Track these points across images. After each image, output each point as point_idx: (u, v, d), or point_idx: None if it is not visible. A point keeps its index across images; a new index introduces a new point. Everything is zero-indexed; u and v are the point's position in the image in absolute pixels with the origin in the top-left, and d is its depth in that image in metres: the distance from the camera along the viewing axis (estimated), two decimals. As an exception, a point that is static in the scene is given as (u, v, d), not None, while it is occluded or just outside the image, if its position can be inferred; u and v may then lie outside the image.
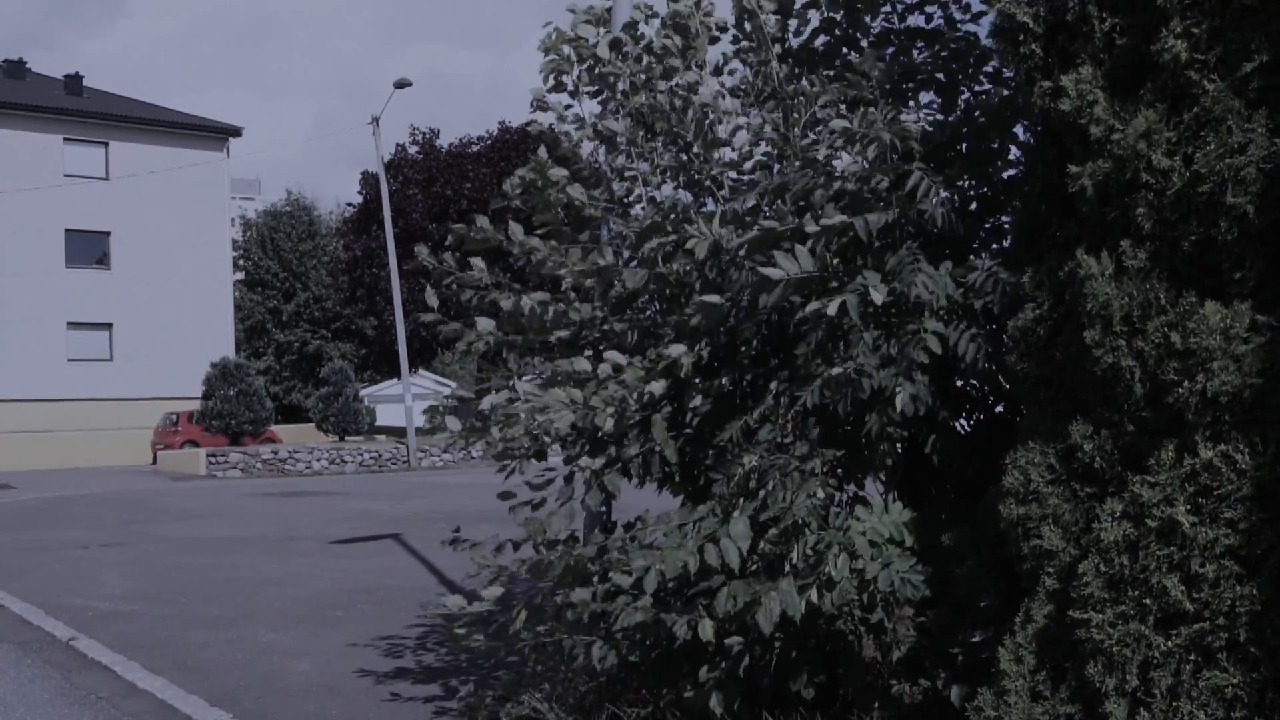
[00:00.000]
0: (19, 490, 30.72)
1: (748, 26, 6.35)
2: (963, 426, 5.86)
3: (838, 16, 6.52)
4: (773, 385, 5.52)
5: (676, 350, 5.63)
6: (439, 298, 6.30)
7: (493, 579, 6.10)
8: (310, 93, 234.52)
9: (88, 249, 49.60)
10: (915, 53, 6.40)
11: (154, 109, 55.75)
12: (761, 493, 5.11)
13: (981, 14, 6.22)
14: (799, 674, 5.17)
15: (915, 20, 6.44)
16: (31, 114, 48.86)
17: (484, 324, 6.02)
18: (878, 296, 4.94)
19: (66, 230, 48.67)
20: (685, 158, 6.28)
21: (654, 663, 5.72)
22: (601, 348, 5.90)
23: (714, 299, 5.46)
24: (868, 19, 6.47)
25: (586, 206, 6.30)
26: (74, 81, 55.53)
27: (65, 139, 49.44)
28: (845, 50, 6.57)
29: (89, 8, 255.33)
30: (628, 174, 6.38)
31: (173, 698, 7.77)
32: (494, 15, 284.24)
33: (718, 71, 6.44)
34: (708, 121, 6.10)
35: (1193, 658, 3.73)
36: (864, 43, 6.18)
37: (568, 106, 6.57)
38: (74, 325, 48.48)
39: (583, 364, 5.74)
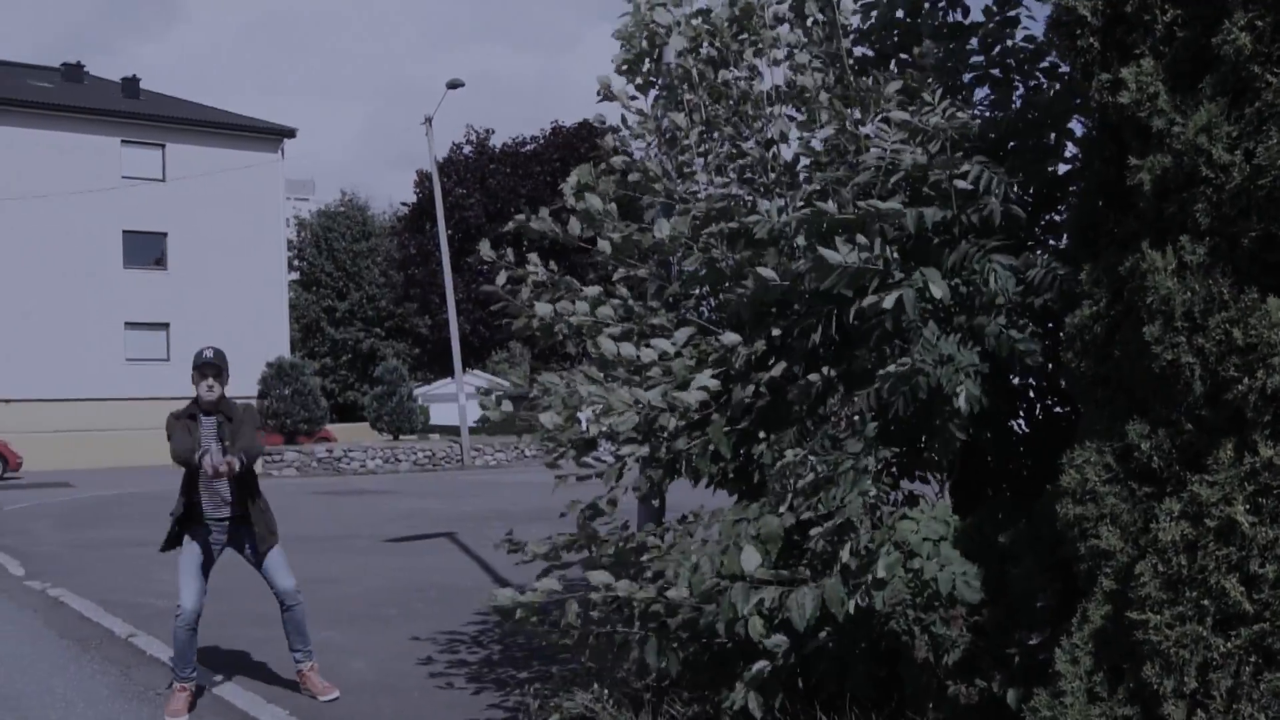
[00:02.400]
0: (78, 489, 31.05)
1: (809, 19, 6.31)
2: (1019, 426, 5.82)
3: (900, 14, 6.49)
4: (824, 372, 5.50)
5: (730, 339, 5.61)
6: (495, 295, 6.32)
7: (544, 572, 6.10)
8: (363, 94, 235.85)
9: (145, 250, 50.07)
10: (970, 48, 6.35)
11: (209, 111, 56.19)
12: (805, 486, 5.09)
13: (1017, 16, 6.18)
14: (853, 673, 5.15)
15: (973, 16, 6.40)
16: (90, 117, 49.37)
17: (543, 308, 6.03)
18: (937, 291, 4.91)
19: (124, 231, 49.15)
20: (744, 150, 6.26)
21: (707, 661, 5.70)
22: (650, 343, 5.89)
23: (769, 273, 5.44)
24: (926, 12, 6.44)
25: (643, 198, 6.29)
26: (131, 84, 56.06)
27: (123, 141, 49.91)
28: (904, 47, 6.54)
29: (146, 12, 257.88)
30: (686, 170, 6.37)
31: (229, 694, 7.82)
32: (544, 16, 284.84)
33: (783, 62, 6.39)
34: (768, 113, 6.09)
35: (1253, 659, 3.68)
36: (926, 41, 6.13)
37: (633, 97, 6.55)
38: (132, 325, 48.95)
39: (628, 349, 5.73)
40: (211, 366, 7.47)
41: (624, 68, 6.60)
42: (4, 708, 7.59)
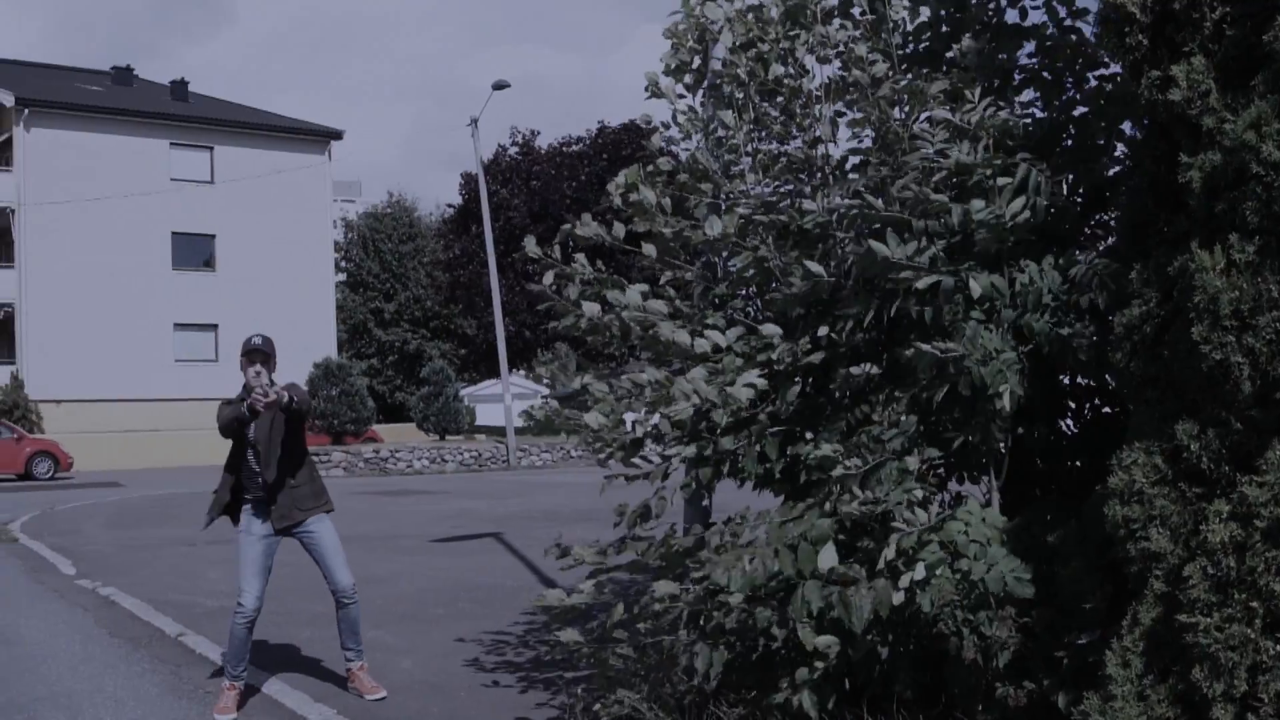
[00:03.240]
0: (128, 488, 31.33)
1: (858, 9, 6.29)
2: (1068, 426, 5.78)
3: (944, 13, 6.46)
4: (867, 368, 5.48)
5: (771, 329, 5.60)
6: (542, 295, 6.34)
7: (592, 575, 6.12)
8: (408, 95, 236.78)
9: (194, 251, 50.48)
10: (1017, 48, 6.31)
11: (257, 113, 56.58)
12: (846, 483, 5.08)
13: (1084, 11, 6.13)
14: (900, 675, 5.13)
15: (1013, 15, 6.36)
16: (139, 120, 49.82)
17: (590, 307, 6.03)
18: (976, 288, 4.89)
19: (173, 233, 49.58)
20: (792, 150, 6.26)
21: (754, 664, 5.70)
22: (704, 333, 5.88)
23: (816, 268, 5.43)
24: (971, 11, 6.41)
25: (691, 199, 6.29)
26: (179, 87, 56.51)
27: (171, 144, 50.33)
28: (949, 46, 6.51)
29: (195, 16, 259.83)
30: (734, 169, 6.37)
31: (278, 693, 7.87)
32: (590, 17, 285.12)
33: (834, 59, 6.36)
34: (816, 111, 6.08)
35: (1303, 662, 3.65)
36: (966, 38, 6.10)
37: (680, 95, 6.54)
38: (181, 326, 49.37)
39: (683, 336, 5.73)
40: (259, 353, 7.52)
41: (671, 66, 6.58)
42: (56, 706, 7.67)
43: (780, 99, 6.30)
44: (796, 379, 5.74)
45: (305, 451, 7.85)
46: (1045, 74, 6.19)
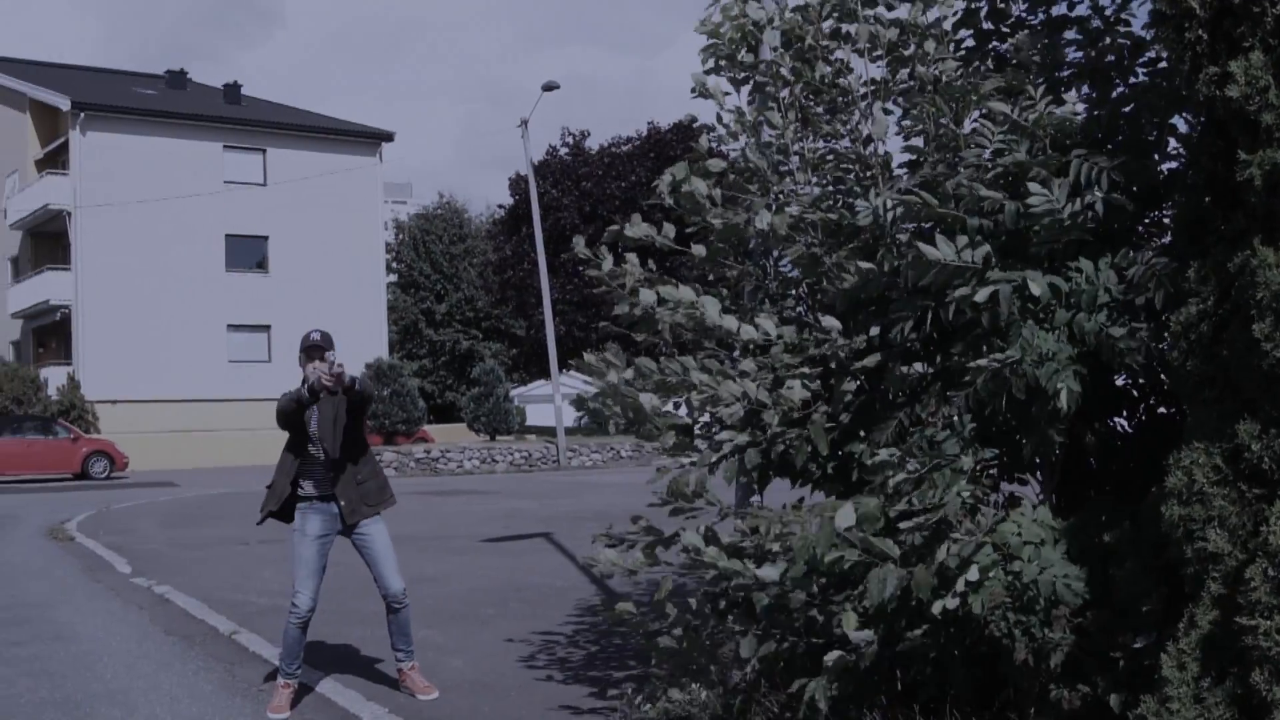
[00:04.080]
0: (182, 488, 31.61)
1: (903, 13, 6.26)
2: (1123, 426, 5.73)
3: (982, 9, 6.42)
4: (920, 366, 5.45)
5: (830, 323, 5.57)
6: (592, 294, 6.34)
7: (647, 547, 6.12)
8: (458, 97, 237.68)
9: (247, 253, 50.88)
10: (1066, 44, 6.25)
11: (309, 116, 56.95)
12: (900, 485, 5.05)
13: (1127, 2, 6.07)
14: (954, 675, 5.09)
15: (1058, 10, 6.31)
16: (193, 123, 50.25)
17: (647, 295, 6.00)
18: (1036, 289, 4.84)
19: (227, 235, 49.98)
20: (841, 149, 6.23)
21: (802, 658, 5.67)
22: (756, 321, 5.85)
23: (868, 265, 5.40)
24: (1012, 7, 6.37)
25: (740, 198, 6.27)
26: (232, 90, 56.98)
27: (225, 146, 50.73)
28: (989, 41, 6.47)
29: (247, 20, 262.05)
30: (782, 169, 6.34)
31: (330, 691, 7.91)
32: (640, 18, 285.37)
33: (883, 57, 6.32)
34: (863, 108, 6.05)
35: (1366, 667, 3.59)
36: (1022, 34, 6.05)
37: (727, 94, 6.52)
38: (234, 327, 49.77)
39: (730, 321, 5.71)
40: (318, 349, 7.52)
41: (710, 65, 6.55)
42: (112, 703, 7.74)
43: (827, 97, 6.27)
44: (849, 378, 5.71)
45: (367, 445, 7.86)
46: (1094, 69, 6.13)
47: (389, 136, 55.41)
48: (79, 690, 8.11)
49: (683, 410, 6.00)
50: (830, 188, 6.30)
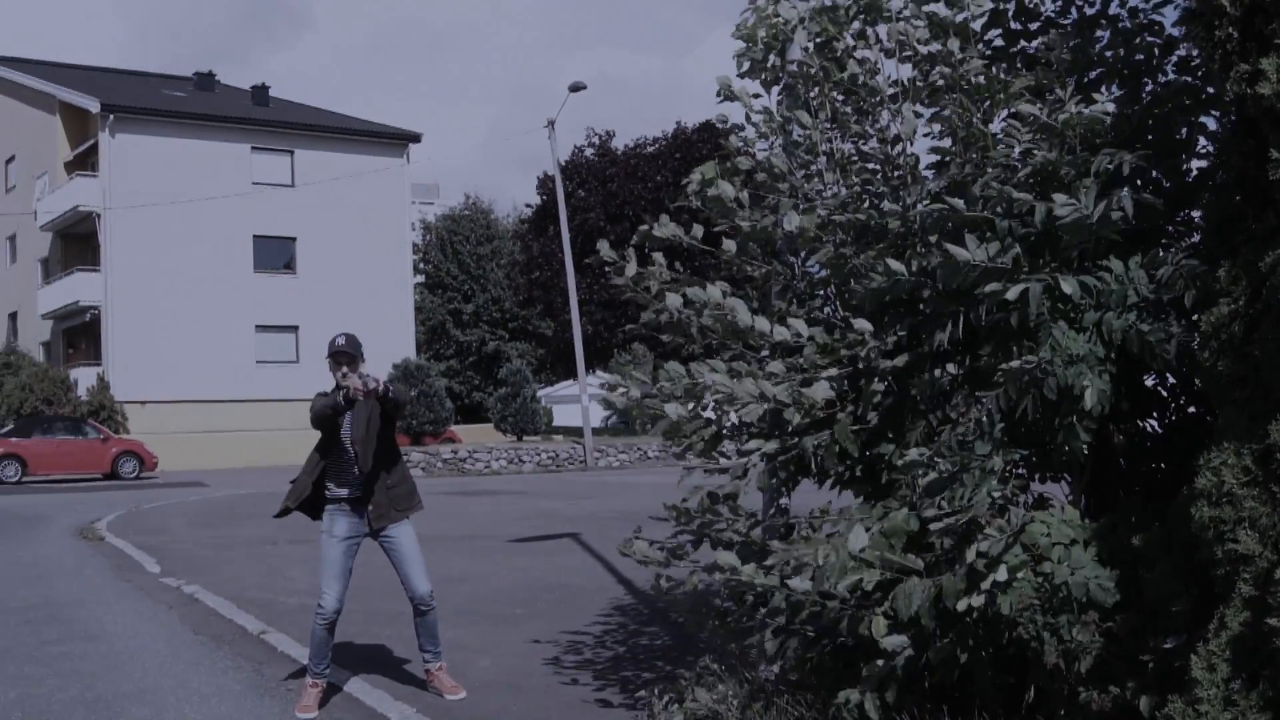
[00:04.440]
0: (211, 488, 31.74)
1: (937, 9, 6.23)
2: (1152, 426, 5.70)
3: (1009, 8, 6.39)
4: (950, 368, 5.43)
5: (862, 325, 5.55)
6: (619, 294, 6.33)
7: (673, 535, 6.13)
8: (485, 98, 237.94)
9: (275, 254, 51.09)
10: (1097, 42, 6.22)
11: (336, 117, 57.17)
12: (929, 485, 5.03)
13: (1165, 2, 6.04)
14: (981, 677, 5.07)
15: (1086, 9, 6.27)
16: (221, 124, 50.49)
17: (673, 300, 5.99)
18: (1067, 287, 4.82)
19: (255, 236, 50.20)
20: (869, 149, 6.21)
21: (830, 660, 5.67)
22: (788, 322, 5.84)
23: (897, 265, 5.38)
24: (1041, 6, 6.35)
25: (768, 198, 6.26)
26: (261, 92, 57.22)
27: (253, 148, 50.95)
28: (1018, 40, 6.44)
29: (277, 23, 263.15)
30: (811, 169, 6.33)
31: (358, 691, 7.93)
32: (667, 18, 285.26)
33: (912, 57, 6.29)
34: (893, 110, 6.03)
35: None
36: (1053, 33, 6.02)
37: (756, 95, 6.50)
38: (262, 328, 49.98)
39: (763, 322, 5.69)
40: (345, 354, 7.55)
41: (745, 66, 6.54)
42: (142, 701, 7.78)
43: (856, 97, 6.25)
44: (877, 379, 5.70)
45: (398, 451, 7.89)
46: (1124, 68, 6.09)
47: (416, 138, 55.56)
48: (109, 689, 8.15)
49: (709, 412, 5.99)
50: (859, 188, 6.28)
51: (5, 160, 57.73)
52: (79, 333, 51.13)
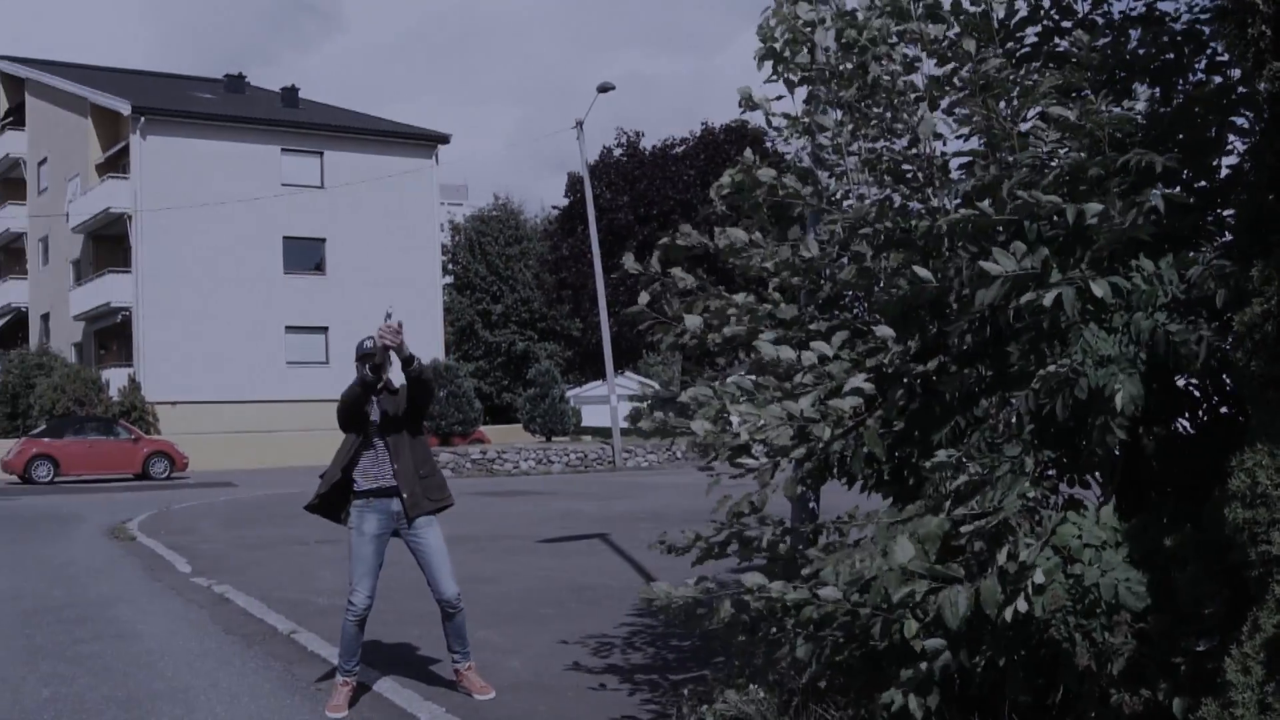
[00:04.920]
0: (241, 488, 31.87)
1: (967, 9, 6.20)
2: (1184, 427, 5.66)
3: (1045, 4, 6.36)
4: (978, 370, 5.41)
5: (885, 332, 5.54)
6: (631, 312, 6.34)
7: (697, 561, 6.11)
8: (514, 98, 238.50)
9: (305, 255, 51.29)
10: (1129, 41, 6.18)
11: (366, 119, 57.33)
12: (962, 488, 5.01)
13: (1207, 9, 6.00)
14: (1012, 679, 5.05)
15: (1120, 6, 6.24)
16: (251, 126, 50.73)
17: (692, 321, 6.01)
18: (1098, 290, 4.79)
19: (284, 237, 50.42)
20: (896, 149, 6.19)
21: (860, 663, 5.65)
22: (811, 345, 5.83)
23: (924, 273, 5.37)
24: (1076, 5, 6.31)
25: (795, 205, 6.24)
26: (290, 94, 57.43)
27: (283, 150, 51.17)
28: (1055, 40, 6.41)
29: (307, 25, 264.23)
30: (837, 170, 6.31)
31: (388, 690, 7.95)
32: (696, 18, 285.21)
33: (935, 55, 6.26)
34: (919, 111, 6.00)
35: None
36: (1074, 32, 5.99)
37: (779, 97, 6.48)
38: (292, 329, 50.19)
39: (788, 352, 5.69)
40: (370, 357, 7.57)
41: (768, 69, 6.51)
42: (173, 700, 7.82)
43: (881, 96, 6.23)
44: (904, 381, 5.68)
45: (426, 442, 7.91)
46: (1155, 67, 6.05)
47: (445, 139, 55.68)
48: (141, 688, 8.19)
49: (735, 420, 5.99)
50: (886, 190, 6.25)
51: (38, 162, 58.13)
52: (110, 334, 51.44)
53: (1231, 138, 5.78)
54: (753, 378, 5.74)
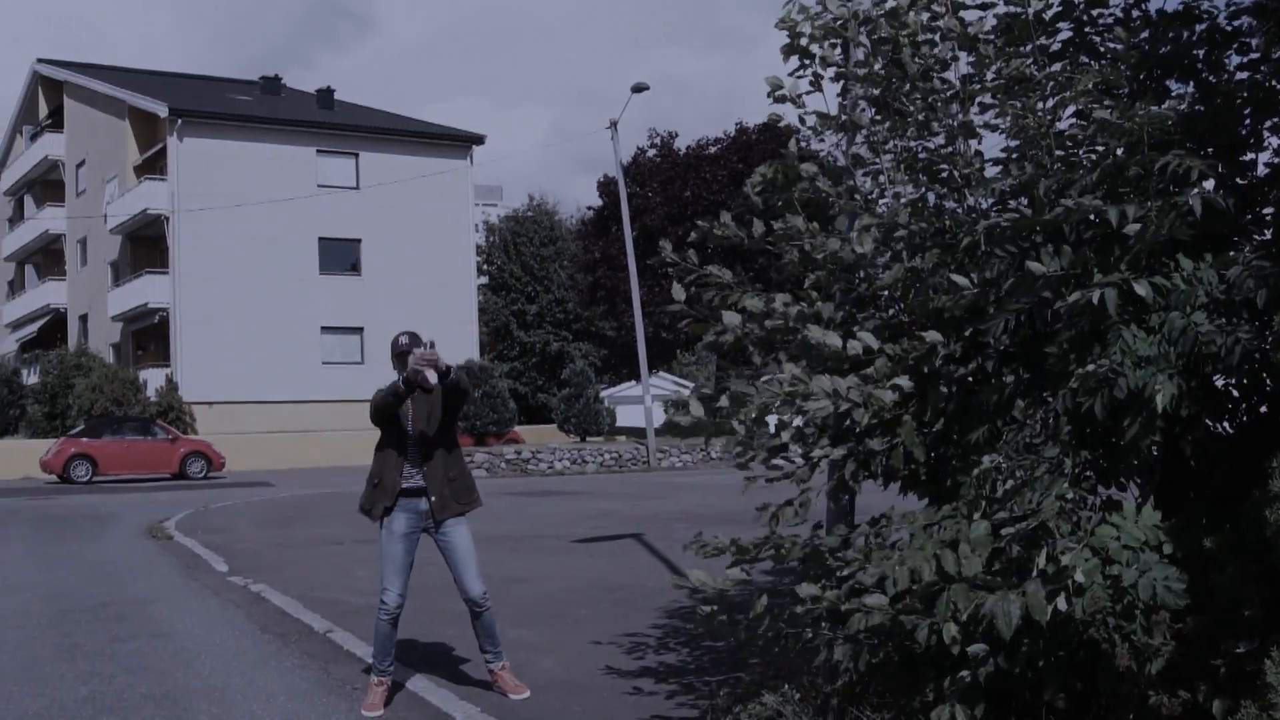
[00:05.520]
0: (277, 488, 32.02)
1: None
2: (1224, 428, 5.61)
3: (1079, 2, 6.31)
4: (1016, 371, 5.38)
5: (933, 337, 5.51)
6: (671, 310, 6.31)
7: (733, 564, 6.09)
8: (547, 99, 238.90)
9: (340, 256, 51.51)
10: (1165, 38, 6.13)
11: (401, 120, 57.54)
12: (1004, 492, 4.98)
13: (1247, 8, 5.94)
14: (1050, 681, 5.02)
15: (1156, 3, 6.19)
16: (287, 128, 51.00)
17: (730, 318, 5.98)
18: (1140, 290, 4.76)
19: (320, 238, 50.66)
20: (930, 148, 6.16)
21: (898, 666, 5.62)
22: (857, 335, 5.80)
23: (962, 280, 5.34)
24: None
25: (832, 203, 6.21)
26: (325, 96, 57.67)
27: (318, 151, 51.42)
28: (1088, 35, 6.36)
29: (342, 27, 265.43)
30: (872, 168, 6.28)
31: (423, 689, 7.97)
32: (730, 17, 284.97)
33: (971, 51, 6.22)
34: (954, 111, 5.97)
35: None
36: (1118, 28, 5.94)
37: (808, 93, 6.43)
38: (328, 330, 50.43)
39: (834, 339, 5.65)
40: (409, 352, 7.54)
41: (794, 65, 6.47)
42: (210, 699, 7.85)
43: (916, 96, 6.20)
44: (942, 381, 5.65)
45: (458, 445, 7.89)
46: (1194, 64, 6.00)
47: (480, 139, 55.82)
48: (178, 686, 8.24)
49: (773, 420, 5.96)
50: (922, 189, 6.22)
51: (76, 165, 58.58)
52: (148, 334, 51.80)
53: (1269, 135, 5.74)
54: (793, 372, 5.69)
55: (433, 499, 7.62)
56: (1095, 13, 6.27)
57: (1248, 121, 5.71)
